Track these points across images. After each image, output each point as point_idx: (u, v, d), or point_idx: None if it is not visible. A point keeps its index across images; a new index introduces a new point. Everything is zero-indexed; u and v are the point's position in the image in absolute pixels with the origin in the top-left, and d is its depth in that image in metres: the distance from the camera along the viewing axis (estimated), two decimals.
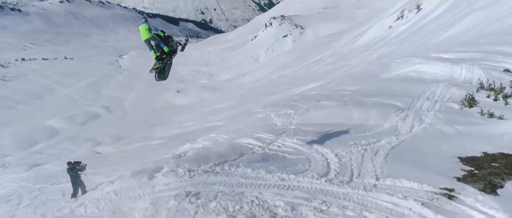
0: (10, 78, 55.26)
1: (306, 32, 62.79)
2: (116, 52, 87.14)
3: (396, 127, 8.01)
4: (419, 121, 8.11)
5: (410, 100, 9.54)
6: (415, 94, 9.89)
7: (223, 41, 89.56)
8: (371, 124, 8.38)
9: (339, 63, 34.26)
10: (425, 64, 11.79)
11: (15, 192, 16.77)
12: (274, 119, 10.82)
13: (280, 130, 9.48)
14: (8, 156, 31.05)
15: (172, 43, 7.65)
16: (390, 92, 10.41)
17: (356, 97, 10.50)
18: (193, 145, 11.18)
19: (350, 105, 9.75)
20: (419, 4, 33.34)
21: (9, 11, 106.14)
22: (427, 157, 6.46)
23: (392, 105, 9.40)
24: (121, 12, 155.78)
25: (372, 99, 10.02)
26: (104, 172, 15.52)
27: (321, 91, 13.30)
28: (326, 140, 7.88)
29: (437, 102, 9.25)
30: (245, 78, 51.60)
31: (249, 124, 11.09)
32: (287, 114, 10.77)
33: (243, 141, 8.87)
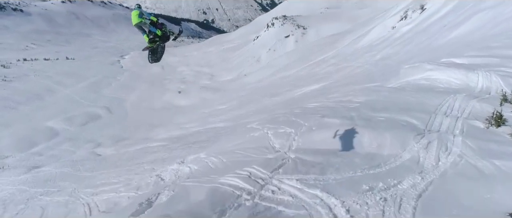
0: (12, 78, 55.07)
1: (308, 33, 62.36)
2: (118, 52, 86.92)
3: (417, 158, 6.37)
4: (445, 150, 6.44)
5: (426, 117, 7.83)
6: (431, 108, 8.23)
7: (225, 41, 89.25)
8: (387, 153, 6.69)
9: (342, 64, 33.85)
10: (437, 71, 10.13)
11: (11, 196, 16.45)
12: (271, 139, 9.04)
13: (277, 160, 7.71)
14: (8, 157, 30.81)
15: (165, 30, 7.52)
16: (403, 105, 8.78)
17: (365, 112, 8.81)
18: (180, 167, 9.69)
19: (359, 126, 7.84)
20: (423, 4, 32.89)
21: (11, 11, 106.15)
22: (467, 211, 4.94)
23: (408, 124, 7.64)
24: (123, 12, 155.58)
25: (383, 115, 8.30)
26: (102, 177, 15.16)
27: (325, 103, 11.29)
28: (333, 182, 6.31)
29: (458, 120, 7.60)
30: (246, 79, 51.24)
31: (244, 145, 9.32)
32: (286, 133, 8.97)
33: (230, 180, 7.26)
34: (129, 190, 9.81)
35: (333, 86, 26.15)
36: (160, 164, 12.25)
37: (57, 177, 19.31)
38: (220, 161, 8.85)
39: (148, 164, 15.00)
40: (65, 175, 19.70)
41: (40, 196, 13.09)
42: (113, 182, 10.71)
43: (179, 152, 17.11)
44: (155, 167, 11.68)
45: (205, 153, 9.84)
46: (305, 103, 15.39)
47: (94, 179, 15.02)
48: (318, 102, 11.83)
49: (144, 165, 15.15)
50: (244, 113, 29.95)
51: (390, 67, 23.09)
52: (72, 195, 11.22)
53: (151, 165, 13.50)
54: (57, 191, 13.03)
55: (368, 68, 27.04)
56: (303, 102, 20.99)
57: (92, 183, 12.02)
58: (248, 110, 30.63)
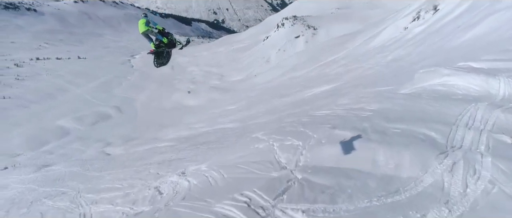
0: (24, 77, 55.92)
1: (318, 33, 61.84)
2: (128, 52, 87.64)
3: (442, 184, 5.37)
4: (473, 174, 5.45)
5: (446, 130, 6.84)
6: (451, 119, 7.28)
7: (235, 41, 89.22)
8: (406, 175, 5.73)
9: (353, 65, 33.38)
10: (454, 76, 9.23)
11: (20, 195, 16.53)
12: (277, 152, 8.12)
13: (282, 181, 6.72)
14: (19, 156, 31.21)
15: (171, 38, 7.52)
16: (419, 114, 7.83)
17: (378, 123, 7.87)
18: (179, 180, 9.02)
19: (373, 140, 6.90)
20: (436, 4, 32.22)
21: (25, 11, 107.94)
22: None
23: (427, 138, 6.66)
24: (134, 12, 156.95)
25: (398, 126, 7.39)
26: (109, 178, 15.12)
27: (335, 110, 10.23)
28: (346, 214, 5.47)
29: (482, 133, 6.66)
30: (256, 79, 51.03)
31: (247, 157, 8.49)
32: (293, 146, 8.04)
33: (226, 210, 6.49)
34: (125, 203, 9.42)
35: (343, 87, 25.75)
36: (165, 167, 12.07)
37: (66, 176, 19.38)
38: (221, 177, 8.15)
39: (155, 165, 14.90)
40: (74, 175, 19.76)
41: (44, 199, 13.06)
42: (116, 188, 10.56)
43: (186, 153, 16.99)
44: (160, 171, 11.41)
45: (206, 165, 9.06)
46: (314, 109, 14.88)
47: (102, 179, 14.98)
48: (328, 109, 10.57)
49: (151, 166, 15.06)
50: (253, 114, 29.75)
51: (402, 69, 22.63)
52: (74, 201, 11.09)
53: (157, 167, 13.36)
54: (61, 194, 12.99)
55: (380, 70, 26.57)
56: (312, 106, 20.67)
57: (96, 187, 11.84)
58: (257, 111, 30.42)
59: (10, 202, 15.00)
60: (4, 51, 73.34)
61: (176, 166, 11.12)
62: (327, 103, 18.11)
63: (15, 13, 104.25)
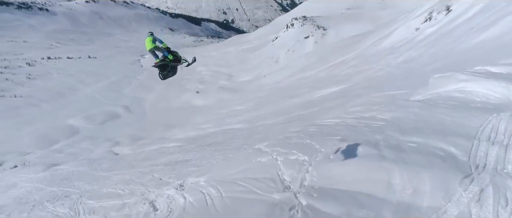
0: (35, 76, 56.60)
1: (328, 34, 61.38)
2: (138, 52, 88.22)
3: (469, 216, 4.57)
4: (505, 204, 4.60)
5: (467, 144, 5.95)
6: (471, 131, 6.40)
7: (244, 42, 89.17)
8: (426, 204, 4.92)
9: (363, 66, 32.96)
10: (471, 82, 8.41)
11: (28, 194, 16.59)
12: (281, 168, 7.34)
13: (283, 209, 5.85)
14: (29, 154, 31.51)
15: (177, 55, 7.60)
16: (436, 126, 7.00)
17: (392, 135, 6.98)
18: (176, 195, 8.41)
19: (388, 158, 5.94)
20: (449, 5, 31.60)
21: (37, 11, 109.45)
22: None
23: (446, 155, 5.73)
24: (144, 12, 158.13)
25: (414, 140, 6.52)
26: (116, 179, 15.07)
27: (344, 119, 9.36)
28: None
29: (507, 149, 5.77)
30: (265, 80, 50.83)
31: (248, 173, 7.71)
32: (299, 162, 7.23)
33: None
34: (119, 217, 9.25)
35: (353, 89, 25.41)
36: (169, 171, 11.90)
37: (73, 176, 19.41)
38: (218, 195, 7.49)
39: (161, 167, 14.81)
40: (81, 174, 19.80)
41: (46, 202, 13.03)
42: (117, 194, 10.38)
43: (193, 155, 16.86)
44: (164, 175, 11.17)
45: (206, 179, 8.41)
46: (322, 113, 14.43)
47: (108, 180, 14.94)
48: (336, 117, 9.59)
49: (157, 168, 14.97)
50: (261, 115, 29.58)
51: (413, 71, 22.22)
52: (73, 208, 10.97)
53: (162, 171, 13.24)
54: (64, 197, 12.96)
55: (390, 71, 26.14)
56: (321, 108, 20.37)
57: (99, 191, 11.67)
58: (265, 112, 30.23)
59: (17, 203, 15.05)
60: (17, 50, 74.43)
61: (180, 172, 10.87)
62: (335, 105, 17.80)
63: (28, 12, 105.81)
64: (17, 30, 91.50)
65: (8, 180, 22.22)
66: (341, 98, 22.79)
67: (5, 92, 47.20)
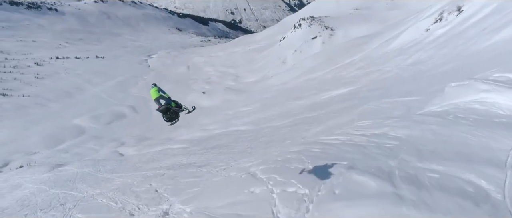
0: (44, 76, 56.97)
1: (336, 34, 60.82)
2: (145, 52, 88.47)
3: None
4: None
5: (500, 176, 4.72)
6: (501, 157, 5.34)
7: (251, 42, 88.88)
8: None
9: (371, 68, 32.46)
10: (493, 92, 7.23)
11: (31, 195, 16.48)
12: (276, 203, 6.27)
13: None
14: (36, 154, 31.58)
15: (179, 103, 8.58)
16: (460, 147, 5.83)
17: (409, 161, 5.69)
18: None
19: (406, 198, 4.58)
20: (460, 5, 30.94)
21: (46, 11, 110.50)
22: None
23: (476, 190, 4.46)
24: (152, 12, 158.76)
25: (435, 168, 5.22)
26: (118, 182, 14.87)
27: (353, 136, 8.11)
28: None
29: None
30: (271, 80, 50.50)
31: (238, 208, 6.57)
32: (298, 196, 6.17)
33: None
34: None
35: (360, 91, 25.01)
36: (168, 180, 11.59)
37: (77, 178, 19.27)
38: None
39: (163, 171, 14.58)
40: (85, 176, 19.67)
41: (40, 211, 12.86)
42: (109, 207, 10.08)
43: (197, 158, 16.64)
44: (161, 186, 10.64)
45: (191, 209, 7.44)
46: (328, 121, 13.80)
47: (109, 184, 14.75)
48: (344, 134, 8.21)
49: (159, 172, 14.76)
50: (267, 116, 29.32)
51: (422, 73, 21.73)
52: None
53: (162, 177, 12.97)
54: (58, 206, 12.74)
55: (399, 73, 25.66)
56: (328, 111, 19.97)
57: (92, 203, 11.23)
58: (272, 113, 29.95)
59: (19, 205, 14.93)
60: (26, 50, 75.11)
61: (177, 183, 10.42)
62: (342, 109, 17.39)
63: (37, 12, 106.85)
64: (26, 30, 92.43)
65: (13, 180, 22.20)
66: (348, 101, 22.41)
67: (14, 92, 47.55)
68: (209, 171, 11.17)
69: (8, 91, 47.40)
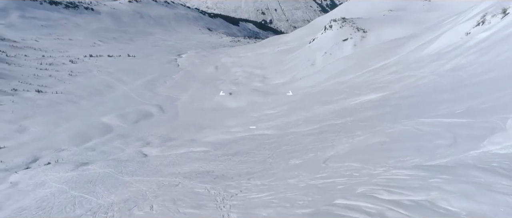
0: (77, 73, 58.63)
1: (368, 36, 58.67)
2: (175, 51, 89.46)
3: None
4: None
5: None
6: None
7: (280, 43, 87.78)
8: None
9: (404, 73, 30.71)
10: None
11: (51, 196, 16.47)
12: None
13: None
14: (64, 151, 32.18)
15: None
16: None
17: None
18: None
19: None
20: (506, 7, 28.57)
21: (83, 10, 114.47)
22: None
23: None
24: (184, 12, 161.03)
25: None
26: (133, 189, 14.48)
27: (380, 176, 5.83)
28: None
29: None
30: (299, 83, 49.33)
31: None
32: None
33: None
34: None
35: (393, 98, 23.62)
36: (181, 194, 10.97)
37: (98, 179, 19.21)
38: None
39: (179, 179, 14.03)
40: (106, 177, 19.60)
41: (53, 215, 12.64)
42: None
43: (216, 165, 16.04)
44: (167, 202, 9.99)
45: None
46: (356, 131, 12.50)
47: (125, 189, 14.40)
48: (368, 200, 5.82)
49: (176, 179, 14.22)
50: (293, 121, 28.43)
51: (462, 81, 20.09)
52: None
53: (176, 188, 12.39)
54: (71, 212, 12.48)
55: (435, 80, 23.97)
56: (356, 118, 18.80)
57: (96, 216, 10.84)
58: (298, 118, 29.03)
59: (38, 206, 14.91)
60: (62, 48, 77.89)
61: (194, 194, 9.65)
62: (372, 117, 16.17)
63: (74, 12, 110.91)
64: (63, 29, 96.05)
65: (38, 178, 22.59)
66: (379, 109, 21.13)
67: (48, 89, 49.11)
68: (218, 194, 9.95)
69: (43, 88, 49.03)
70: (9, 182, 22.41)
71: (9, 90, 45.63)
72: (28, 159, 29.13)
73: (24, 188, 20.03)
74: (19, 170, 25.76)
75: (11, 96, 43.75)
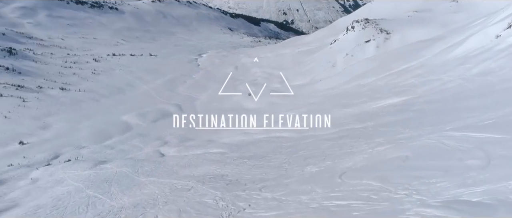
0: (100, 72, 59.80)
1: (392, 38, 57.13)
2: (196, 51, 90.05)
3: None
4: None
5: None
6: None
7: (301, 44, 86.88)
8: None
9: (429, 77, 29.61)
10: None
11: (67, 194, 16.60)
12: None
13: None
14: (84, 148, 32.68)
15: None
16: None
17: None
18: None
19: None
20: None
21: (108, 10, 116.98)
22: None
23: None
24: (205, 12, 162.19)
25: None
26: (146, 191, 14.37)
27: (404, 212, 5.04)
28: None
29: None
30: (319, 85, 48.55)
31: None
32: None
33: None
34: None
35: (416, 102, 22.79)
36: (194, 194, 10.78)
37: (114, 179, 19.30)
38: None
39: (193, 182, 13.80)
40: (122, 177, 19.68)
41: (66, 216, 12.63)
42: None
43: (230, 169, 15.77)
44: (176, 210, 9.78)
45: None
46: (377, 138, 11.88)
47: (138, 191, 14.30)
48: (397, 115, 6.03)
49: (190, 182, 14.02)
50: None
51: (492, 86, 19.09)
52: None
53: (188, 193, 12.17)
54: (83, 213, 12.42)
55: (462, 84, 22.96)
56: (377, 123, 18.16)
57: None
58: None
59: (53, 205, 15.02)
60: (87, 47, 79.73)
61: (201, 206, 9.33)
62: (394, 122, 15.48)
63: (99, 11, 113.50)
64: (88, 28, 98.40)
65: (58, 175, 22.92)
66: (401, 113, 20.42)
67: (71, 86, 50.22)
68: (226, 207, 9.49)
69: (67, 85, 50.15)
70: (30, 178, 22.85)
71: (34, 88, 46.89)
72: (49, 156, 29.70)
73: (43, 185, 20.32)
74: (40, 166, 26.27)
75: (36, 94, 44.92)
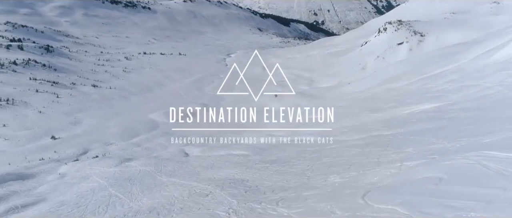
0: (130, 70, 61.33)
1: (426, 41, 54.91)
2: (225, 51, 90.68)
3: None
4: None
5: None
6: None
7: (330, 45, 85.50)
8: None
9: (465, 82, 28.03)
10: None
11: (90, 192, 16.85)
12: None
13: None
14: (112, 145, 33.47)
15: None
16: None
17: None
18: None
19: None
20: None
21: (140, 9, 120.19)
22: None
23: None
24: (235, 12, 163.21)
25: None
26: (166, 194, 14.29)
27: None
28: None
29: None
30: (347, 88, 47.41)
31: None
32: None
33: None
34: None
35: (450, 110, 21.52)
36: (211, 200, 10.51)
37: (137, 178, 19.47)
38: None
39: (212, 187, 13.57)
40: (145, 176, 19.84)
41: (86, 214, 12.71)
42: None
43: (252, 174, 15.46)
44: None
45: None
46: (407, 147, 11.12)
47: (158, 193, 14.22)
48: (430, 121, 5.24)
49: (209, 187, 13.81)
50: (338, 128, 27.14)
51: None
52: None
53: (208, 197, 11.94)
54: (104, 213, 12.45)
55: (503, 92, 21.44)
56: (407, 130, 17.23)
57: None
58: (343, 125, 27.69)
59: (76, 202, 15.26)
60: (119, 45, 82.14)
61: (214, 214, 9.08)
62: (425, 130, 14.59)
63: (132, 10, 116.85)
64: (122, 27, 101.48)
65: (84, 171, 23.45)
66: (433, 121, 19.29)
67: (103, 84, 51.76)
68: None
69: (99, 83, 51.74)
70: (58, 173, 23.51)
71: (68, 84, 48.66)
72: (78, 151, 30.60)
73: (70, 181, 20.81)
74: (69, 161, 27.03)
75: (70, 90, 46.59)
